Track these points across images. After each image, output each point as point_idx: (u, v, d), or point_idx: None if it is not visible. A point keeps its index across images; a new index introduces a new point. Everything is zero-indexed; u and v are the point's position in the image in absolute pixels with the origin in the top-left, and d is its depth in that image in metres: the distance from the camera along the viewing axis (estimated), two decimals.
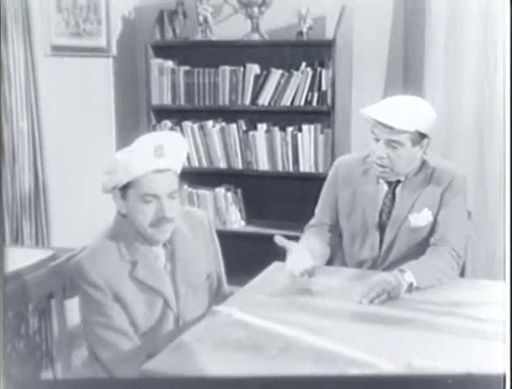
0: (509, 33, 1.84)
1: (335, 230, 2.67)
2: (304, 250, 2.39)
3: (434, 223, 2.53)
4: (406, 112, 2.43)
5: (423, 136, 2.47)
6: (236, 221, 4.05)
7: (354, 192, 2.60)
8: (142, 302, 2.04)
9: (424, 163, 2.56)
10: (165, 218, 2.01)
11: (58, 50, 3.64)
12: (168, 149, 2.01)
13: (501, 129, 3.55)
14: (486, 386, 1.59)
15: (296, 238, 2.68)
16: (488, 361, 1.73)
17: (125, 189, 2.02)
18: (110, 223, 2.11)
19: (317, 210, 2.71)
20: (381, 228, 2.57)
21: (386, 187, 2.56)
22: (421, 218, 2.53)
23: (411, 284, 2.30)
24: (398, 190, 2.55)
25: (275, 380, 1.65)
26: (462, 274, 2.60)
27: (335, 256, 2.72)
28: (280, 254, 2.39)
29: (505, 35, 1.87)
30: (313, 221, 2.70)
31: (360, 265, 2.60)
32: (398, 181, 2.55)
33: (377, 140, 2.46)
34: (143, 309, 2.04)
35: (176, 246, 2.12)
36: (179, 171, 2.09)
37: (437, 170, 2.55)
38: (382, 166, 2.48)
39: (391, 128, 2.41)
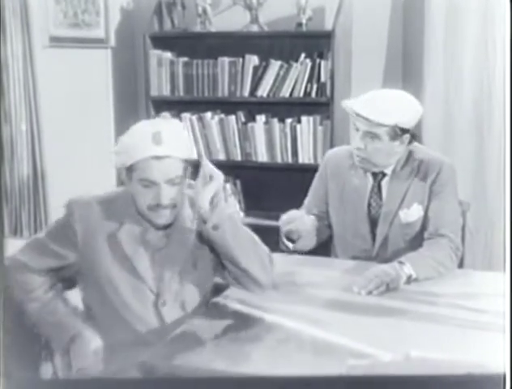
0: (509, 25, 1.84)
1: (322, 221, 2.67)
2: (301, 213, 2.46)
3: (426, 216, 2.53)
4: (385, 105, 2.43)
5: (403, 131, 2.46)
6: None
7: (343, 185, 2.61)
8: (112, 263, 2.05)
9: (410, 155, 2.55)
10: (161, 205, 2.01)
11: (57, 41, 3.64)
12: (167, 136, 2.00)
13: (501, 121, 3.55)
14: (486, 386, 1.58)
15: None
16: (487, 352, 1.73)
17: (129, 169, 2.03)
18: (116, 189, 2.18)
19: (306, 201, 2.72)
20: (372, 221, 2.57)
21: (371, 180, 2.56)
22: (411, 213, 2.53)
23: (410, 276, 2.30)
24: (383, 183, 2.55)
25: (276, 379, 1.65)
26: (460, 265, 2.60)
27: (329, 250, 2.72)
28: (279, 246, 2.40)
29: (505, 27, 1.86)
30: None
31: (353, 258, 2.60)
32: (384, 175, 2.55)
33: (357, 131, 2.47)
34: (111, 270, 2.05)
35: (175, 226, 2.11)
36: (185, 156, 2.05)
37: (424, 162, 2.54)
38: (360, 157, 2.49)
39: (368, 120, 2.41)
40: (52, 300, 2.06)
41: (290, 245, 2.44)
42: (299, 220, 2.42)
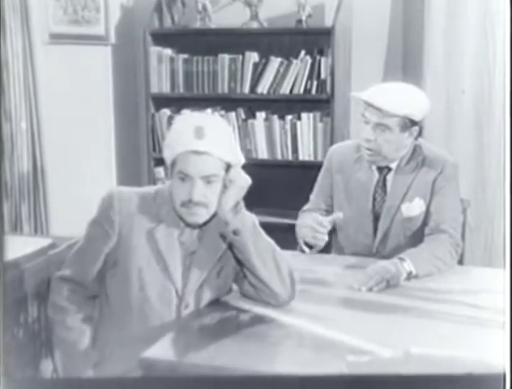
0: (509, 19, 1.84)
1: (330, 215, 2.67)
2: (318, 220, 2.44)
3: (427, 212, 2.54)
4: (396, 96, 2.45)
5: (413, 123, 2.47)
6: None
7: (347, 179, 2.61)
8: (145, 259, 2.03)
9: (415, 150, 2.56)
10: (192, 201, 1.97)
11: (56, 38, 3.63)
12: (210, 132, 1.97)
13: (501, 116, 3.55)
14: (486, 386, 1.58)
15: (295, 227, 2.68)
16: (487, 349, 1.74)
17: (172, 164, 2.01)
18: (156, 186, 2.16)
19: (312, 196, 2.72)
20: (375, 216, 2.58)
21: (377, 175, 2.57)
22: (413, 207, 2.54)
23: (410, 273, 2.30)
24: (389, 177, 2.56)
25: (276, 379, 1.65)
26: (460, 262, 2.60)
27: (331, 244, 2.72)
28: (280, 243, 2.40)
29: (505, 21, 1.86)
30: (307, 206, 2.71)
31: (355, 253, 2.60)
32: (389, 169, 2.55)
33: (367, 123, 2.47)
34: (143, 265, 2.03)
35: (207, 231, 2.08)
36: (226, 157, 2.00)
37: (428, 158, 2.55)
38: (369, 149, 2.49)
39: (380, 110, 2.42)
40: (81, 332, 2.05)
41: (307, 250, 2.45)
42: (318, 229, 2.39)
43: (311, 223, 2.42)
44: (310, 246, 2.46)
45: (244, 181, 2.03)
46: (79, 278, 2.07)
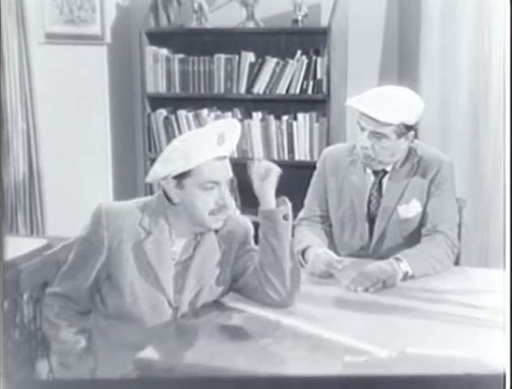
0: (510, 19, 1.84)
1: (327, 220, 2.67)
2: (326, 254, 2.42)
3: (424, 213, 2.54)
4: (391, 104, 2.43)
5: (409, 128, 2.47)
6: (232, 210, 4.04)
7: (342, 182, 2.60)
8: (135, 272, 2.02)
9: (410, 152, 2.55)
10: (225, 206, 2.01)
11: (52, 38, 3.63)
12: (229, 136, 2.02)
13: (497, 117, 3.55)
14: (486, 386, 1.58)
15: (292, 226, 2.68)
16: (484, 349, 1.74)
17: (181, 177, 1.99)
18: (144, 198, 2.14)
19: (306, 201, 2.71)
20: (371, 218, 2.58)
21: (372, 178, 2.57)
22: (410, 209, 2.54)
23: (406, 273, 2.31)
24: (385, 180, 2.56)
25: (276, 380, 1.65)
26: (456, 262, 2.61)
27: (328, 245, 2.72)
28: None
29: (504, 23, 1.87)
30: (303, 214, 2.69)
31: (350, 255, 2.60)
32: (385, 172, 2.55)
33: (363, 130, 2.46)
34: (134, 279, 2.02)
35: (203, 239, 2.09)
36: None
37: (423, 159, 2.55)
38: (366, 155, 2.49)
39: (376, 120, 2.41)
40: (76, 343, 2.05)
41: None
42: (336, 267, 2.34)
43: (329, 260, 2.36)
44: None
45: (276, 168, 2.11)
46: (71, 294, 2.06)
